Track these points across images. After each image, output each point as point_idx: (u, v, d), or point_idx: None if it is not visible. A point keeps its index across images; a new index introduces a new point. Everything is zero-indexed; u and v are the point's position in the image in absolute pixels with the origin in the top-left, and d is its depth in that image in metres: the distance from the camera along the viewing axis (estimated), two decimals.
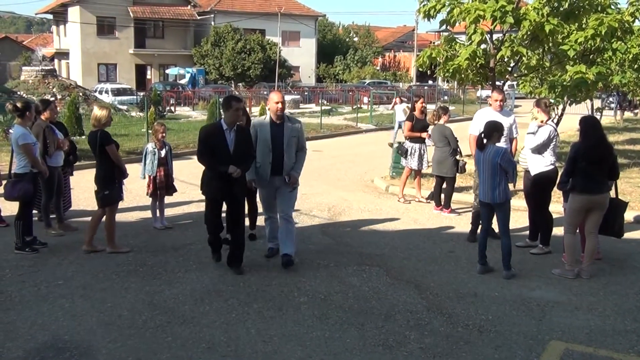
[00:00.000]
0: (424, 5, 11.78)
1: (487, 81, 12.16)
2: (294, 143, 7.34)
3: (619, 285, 6.91)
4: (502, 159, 7.07)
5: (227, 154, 6.85)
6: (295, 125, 7.40)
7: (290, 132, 7.28)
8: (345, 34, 69.17)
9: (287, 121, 7.33)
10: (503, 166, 7.07)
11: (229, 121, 6.96)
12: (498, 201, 7.17)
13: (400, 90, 39.06)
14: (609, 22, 11.52)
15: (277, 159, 7.22)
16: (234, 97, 7.30)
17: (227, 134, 6.92)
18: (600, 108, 23.33)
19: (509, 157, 7.21)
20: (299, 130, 7.43)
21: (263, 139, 7.22)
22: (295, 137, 7.34)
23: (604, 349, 5.27)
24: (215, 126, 7.28)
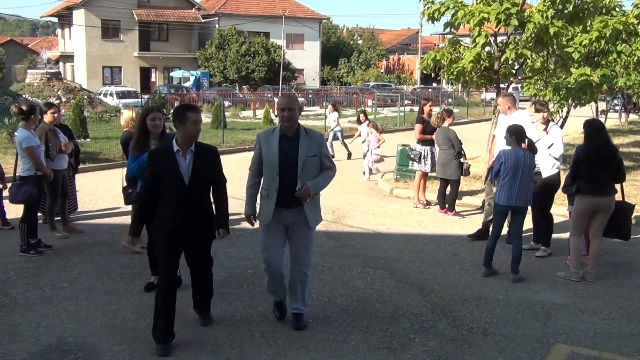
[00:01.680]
0: (428, 8, 11.79)
1: (491, 84, 12.16)
2: (313, 165, 5.39)
3: (624, 288, 6.89)
4: (531, 162, 7.18)
5: (179, 186, 5.08)
6: (315, 140, 5.45)
7: (308, 151, 5.34)
8: (349, 36, 69.22)
9: (303, 136, 5.41)
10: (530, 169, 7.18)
11: (184, 140, 5.12)
12: (529, 204, 7.31)
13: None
14: (613, 25, 11.50)
15: (287, 187, 5.27)
16: (190, 107, 5.35)
17: (179, 159, 5.10)
18: (605, 110, 23.30)
19: (526, 160, 7.21)
20: (321, 147, 5.49)
21: (269, 160, 5.38)
22: (316, 157, 5.39)
23: (609, 352, 5.25)
24: (162, 149, 5.35)
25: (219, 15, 52.08)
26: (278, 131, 5.41)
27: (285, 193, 5.29)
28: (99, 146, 17.57)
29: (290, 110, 5.32)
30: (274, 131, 5.44)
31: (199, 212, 5.21)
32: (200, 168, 5.13)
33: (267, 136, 5.48)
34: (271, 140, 5.40)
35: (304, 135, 5.41)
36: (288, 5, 53.76)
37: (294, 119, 5.33)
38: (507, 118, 8.68)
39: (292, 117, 5.32)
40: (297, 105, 5.39)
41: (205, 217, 5.30)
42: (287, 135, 5.38)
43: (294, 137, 5.38)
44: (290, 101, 5.40)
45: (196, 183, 5.12)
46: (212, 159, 5.30)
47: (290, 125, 5.36)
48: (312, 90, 45.87)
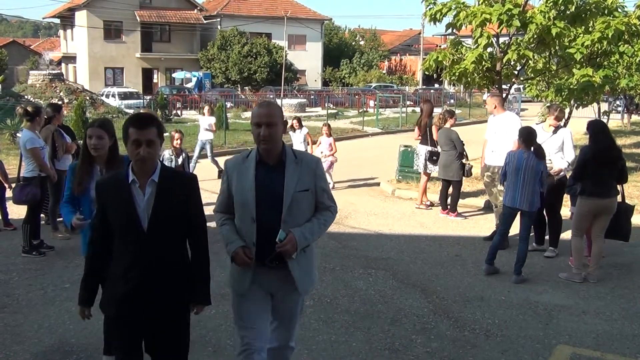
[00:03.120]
0: (430, 9, 11.79)
1: (493, 85, 12.14)
2: (305, 204, 3.77)
3: (626, 289, 6.88)
4: (545, 168, 7.11)
5: (134, 233, 3.54)
6: (308, 168, 3.78)
7: (297, 183, 3.72)
8: (351, 37, 69.19)
9: (291, 162, 3.75)
10: (544, 175, 7.07)
11: (137, 166, 3.56)
12: (534, 209, 7.15)
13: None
14: (615, 26, 11.48)
15: (269, 236, 3.66)
16: (138, 119, 3.59)
17: (135, 193, 3.56)
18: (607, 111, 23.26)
19: (528, 162, 7.12)
20: (316, 177, 3.81)
21: (241, 198, 3.72)
22: (309, 192, 3.76)
23: (611, 354, 5.24)
24: (112, 178, 3.76)
25: (221, 16, 52.12)
26: (254, 157, 3.71)
27: (266, 246, 3.64)
28: None
29: (269, 126, 3.59)
30: (248, 157, 3.74)
31: (164, 271, 3.56)
32: (167, 207, 3.52)
33: (239, 164, 3.74)
34: (244, 170, 3.69)
35: (291, 161, 3.70)
36: (290, 6, 53.79)
37: (274, 138, 3.62)
38: (495, 119, 8.71)
39: (273, 135, 3.61)
40: (279, 119, 3.67)
41: (175, 280, 3.63)
42: (266, 163, 3.68)
43: (276, 165, 3.69)
44: (268, 112, 3.65)
45: (159, 228, 3.51)
46: (185, 193, 3.61)
47: (270, 147, 3.63)
48: (314, 92, 45.86)
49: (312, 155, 3.98)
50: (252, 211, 3.65)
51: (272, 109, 3.70)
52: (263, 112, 3.65)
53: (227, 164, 3.82)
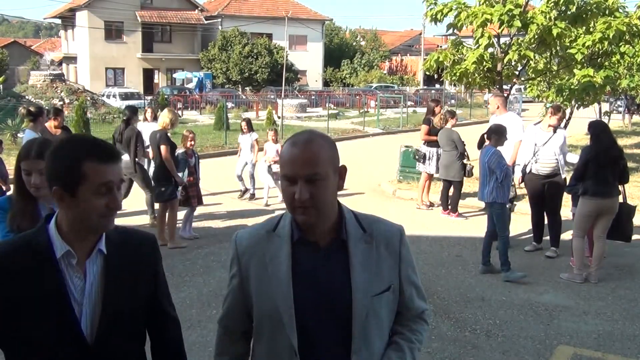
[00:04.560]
0: (431, 9, 11.80)
1: (494, 85, 12.14)
2: (386, 311, 2.13)
3: (627, 289, 6.88)
4: (489, 160, 7.19)
5: (69, 347, 1.97)
6: (388, 245, 2.15)
7: (374, 278, 2.08)
8: (352, 37, 69.20)
9: (355, 239, 2.08)
10: (491, 167, 7.17)
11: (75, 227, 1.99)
12: (486, 200, 7.40)
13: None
14: (616, 26, 11.49)
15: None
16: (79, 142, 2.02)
17: (68, 277, 1.98)
18: (608, 112, 23.23)
19: (497, 159, 7.21)
20: (401, 262, 2.17)
21: (269, 310, 2.07)
22: (389, 291, 2.12)
23: (612, 354, 5.24)
24: (17, 250, 1.98)
25: (221, 16, 52.13)
26: (287, 231, 2.10)
27: None
28: None
29: (311, 182, 1.98)
30: (276, 229, 2.13)
31: None
32: (124, 297, 2.09)
33: (260, 245, 2.13)
34: (272, 257, 2.09)
35: (358, 237, 2.11)
36: (291, 6, 53.76)
37: (322, 202, 2.01)
38: (497, 119, 8.74)
39: (319, 197, 1.99)
40: (330, 164, 2.02)
41: None
42: (311, 242, 2.08)
43: (331, 247, 2.09)
44: (308, 156, 1.98)
45: (113, 337, 2.06)
46: (149, 269, 2.22)
47: (314, 220, 2.02)
48: (314, 92, 45.87)
49: (390, 223, 2.21)
50: (290, 335, 2.00)
51: (314, 148, 1.96)
52: (298, 155, 1.95)
53: (239, 243, 2.12)
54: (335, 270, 2.04)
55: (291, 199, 1.97)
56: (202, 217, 10.02)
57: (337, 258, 2.06)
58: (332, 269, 2.04)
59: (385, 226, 2.20)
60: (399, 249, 2.17)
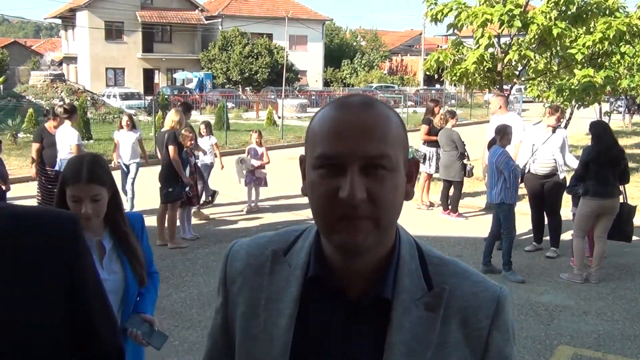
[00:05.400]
0: (431, 9, 11.81)
1: (494, 85, 12.16)
2: None
3: (627, 290, 6.87)
4: (497, 160, 7.19)
5: None
6: (467, 319, 1.19)
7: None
8: (352, 38, 69.21)
9: (404, 291, 1.17)
10: (499, 167, 7.17)
11: None
12: (494, 201, 7.40)
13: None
14: (617, 26, 11.50)
15: None
16: None
17: None
18: (609, 112, 23.24)
19: (505, 159, 7.22)
20: (490, 355, 1.19)
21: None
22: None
23: (612, 354, 5.24)
24: None
25: (222, 16, 52.16)
26: (301, 263, 1.24)
27: None
28: (103, 147, 17.59)
29: (369, 174, 1.10)
30: (287, 255, 1.27)
31: None
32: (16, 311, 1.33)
33: (259, 273, 1.28)
34: (268, 295, 1.25)
35: (410, 293, 1.19)
36: (291, 6, 53.78)
37: (387, 207, 1.13)
38: (498, 119, 8.76)
39: (382, 202, 1.11)
40: (397, 144, 1.14)
41: None
42: (333, 287, 1.20)
43: (362, 301, 1.18)
44: (371, 126, 1.11)
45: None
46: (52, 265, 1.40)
47: (368, 242, 1.12)
48: (315, 92, 45.89)
49: (484, 282, 1.29)
50: None
51: (380, 114, 1.15)
52: (352, 121, 1.12)
53: (231, 260, 1.36)
54: (361, 346, 1.17)
55: (331, 200, 1.09)
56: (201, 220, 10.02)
57: (370, 327, 1.17)
58: (358, 343, 1.17)
59: (473, 286, 1.22)
60: (488, 331, 1.19)
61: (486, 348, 1.19)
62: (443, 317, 1.18)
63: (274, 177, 11.65)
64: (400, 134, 1.17)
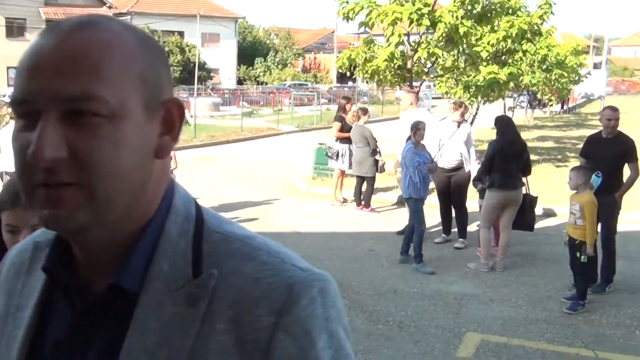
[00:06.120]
0: (342, 7, 11.90)
1: (404, 82, 12.40)
2: None
3: (530, 276, 7.19)
4: (404, 156, 7.48)
5: None
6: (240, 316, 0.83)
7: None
8: (265, 36, 69.01)
9: (157, 277, 0.86)
10: (406, 163, 7.45)
11: None
12: (404, 196, 7.68)
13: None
14: (519, 25, 11.99)
15: None
16: None
17: None
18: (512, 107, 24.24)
19: (411, 155, 7.45)
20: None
21: None
22: None
23: (516, 338, 5.47)
24: None
25: (131, 14, 50.83)
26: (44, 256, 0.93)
27: None
28: None
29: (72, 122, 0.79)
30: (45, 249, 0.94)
31: None
32: None
33: (19, 271, 0.99)
34: (18, 298, 0.96)
35: (166, 280, 0.87)
36: (203, 4, 53.03)
37: (101, 169, 0.79)
38: (408, 115, 8.97)
39: (92, 162, 0.79)
40: (124, 79, 0.83)
41: None
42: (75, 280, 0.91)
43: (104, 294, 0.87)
44: (71, 55, 0.79)
45: None
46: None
47: (76, 222, 0.81)
48: (228, 90, 45.47)
49: (279, 266, 0.89)
50: None
51: (91, 37, 0.82)
52: (47, 50, 0.80)
53: (8, 255, 1.05)
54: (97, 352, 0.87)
55: (22, 160, 0.81)
56: None
57: (110, 331, 0.87)
58: (95, 355, 0.87)
59: (257, 270, 0.87)
60: (270, 335, 0.83)
61: (266, 357, 0.82)
62: (206, 313, 0.84)
63: (188, 177, 11.46)
64: (137, 65, 0.84)
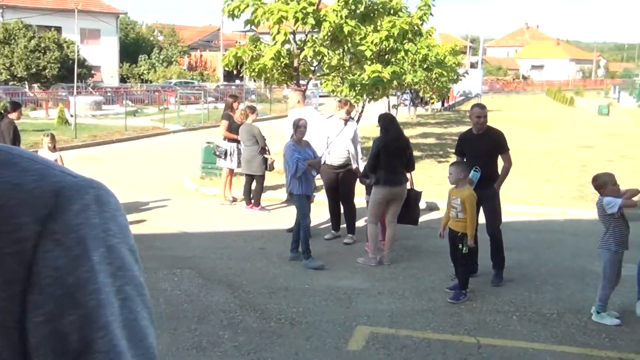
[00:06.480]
0: (228, 5, 11.79)
1: (291, 80, 12.48)
2: None
3: (415, 269, 7.45)
4: (285, 153, 7.69)
5: None
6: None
7: None
8: (149, 32, 67.26)
9: None
10: (287, 159, 7.63)
11: None
12: (287, 191, 7.97)
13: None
14: (400, 25, 12.37)
15: None
16: None
17: None
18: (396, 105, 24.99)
19: (290, 152, 7.58)
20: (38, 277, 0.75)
21: None
22: None
23: (404, 329, 5.64)
24: None
25: (2, 7, 47.95)
26: None
27: None
28: None
29: None
30: None
31: None
32: None
33: None
34: None
35: None
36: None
37: None
38: (296, 113, 9.07)
39: None
40: None
41: None
42: None
43: None
44: None
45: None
46: None
47: None
48: (110, 89, 43.94)
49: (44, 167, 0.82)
50: None
51: None
52: None
53: None
54: None
55: None
56: None
57: None
58: None
59: (19, 176, 0.79)
60: (34, 243, 0.76)
61: (31, 270, 0.73)
62: None
63: None
64: None
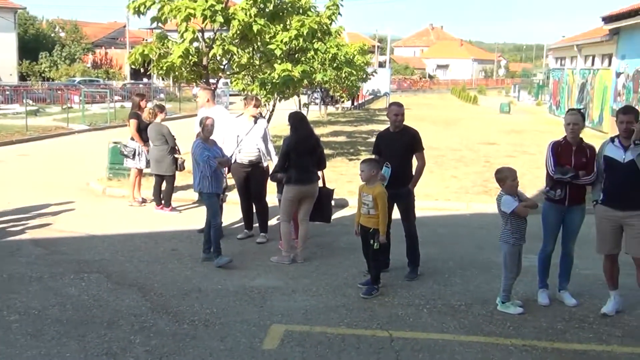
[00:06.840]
0: (133, 2, 11.49)
1: (201, 79, 12.32)
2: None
3: (329, 266, 7.52)
4: (194, 152, 7.62)
5: None
6: None
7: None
8: (50, 28, 64.61)
9: None
10: (196, 158, 7.58)
11: None
12: (195, 190, 7.81)
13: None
14: (309, 24, 12.46)
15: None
16: None
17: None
18: (307, 103, 25.14)
19: (200, 150, 7.53)
20: None
21: None
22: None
23: (318, 326, 5.69)
24: None
25: None
26: None
27: None
28: None
29: None
30: None
31: None
32: None
33: None
34: None
35: None
36: None
37: None
38: (205, 112, 9.00)
39: None
40: None
41: None
42: None
43: None
44: None
45: None
46: None
47: None
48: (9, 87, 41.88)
49: None
50: None
51: None
52: None
53: None
54: None
55: None
56: None
57: None
58: None
59: None
60: None
61: None
62: None
63: None
64: None
